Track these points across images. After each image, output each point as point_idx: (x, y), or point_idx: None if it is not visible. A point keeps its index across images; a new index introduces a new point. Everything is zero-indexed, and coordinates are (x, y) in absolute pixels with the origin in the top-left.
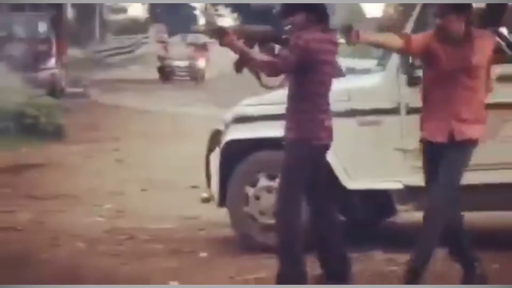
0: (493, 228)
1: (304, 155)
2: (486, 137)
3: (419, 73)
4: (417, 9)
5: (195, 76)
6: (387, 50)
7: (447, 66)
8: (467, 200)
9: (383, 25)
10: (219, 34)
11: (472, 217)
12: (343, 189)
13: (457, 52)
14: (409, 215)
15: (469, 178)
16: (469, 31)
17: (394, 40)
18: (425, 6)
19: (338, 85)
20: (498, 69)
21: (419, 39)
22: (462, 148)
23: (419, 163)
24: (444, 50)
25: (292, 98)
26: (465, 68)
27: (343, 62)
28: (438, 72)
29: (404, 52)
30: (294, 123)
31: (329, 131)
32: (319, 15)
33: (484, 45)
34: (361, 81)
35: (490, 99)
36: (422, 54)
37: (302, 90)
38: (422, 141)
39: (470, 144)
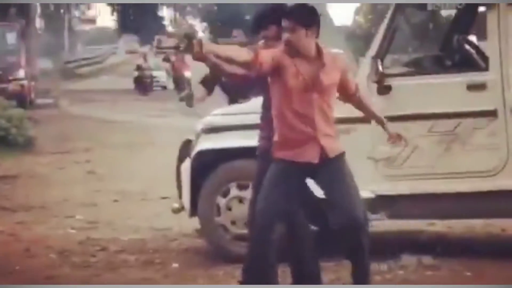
0: (463, 236)
1: None
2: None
3: (390, 81)
4: (388, 16)
5: (182, 86)
6: (235, 64)
7: (298, 84)
8: (436, 208)
9: (352, 34)
10: (193, 47)
11: (443, 224)
12: (315, 198)
13: (307, 70)
14: (380, 222)
15: (440, 186)
16: (320, 50)
17: (242, 53)
18: (395, 13)
19: None
20: (468, 77)
21: (268, 54)
22: (338, 162)
23: (391, 171)
24: (294, 67)
25: (266, 107)
26: (317, 87)
27: None
28: (291, 89)
29: (252, 66)
30: (267, 132)
31: None
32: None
33: (334, 64)
34: None
35: (460, 108)
36: (272, 69)
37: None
38: (278, 161)
39: (342, 157)
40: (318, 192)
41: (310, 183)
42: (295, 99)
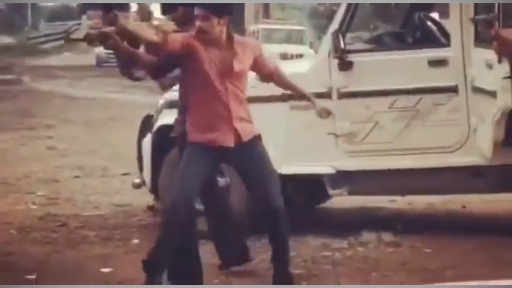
0: (423, 212)
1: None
2: None
3: (352, 57)
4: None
5: None
6: (144, 43)
7: (211, 70)
8: (397, 184)
9: (316, 11)
10: (103, 39)
11: (404, 201)
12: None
13: (219, 57)
14: (341, 199)
15: (400, 162)
16: (231, 37)
17: (151, 35)
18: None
19: None
20: (429, 53)
21: (177, 39)
22: (253, 146)
23: (352, 147)
24: (206, 53)
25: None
26: (229, 73)
27: (277, 48)
28: (204, 75)
29: (160, 49)
30: (183, 115)
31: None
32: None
33: (246, 51)
34: (293, 66)
35: (421, 84)
36: (183, 53)
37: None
38: (192, 144)
39: (257, 140)
40: None
41: None
42: (208, 84)
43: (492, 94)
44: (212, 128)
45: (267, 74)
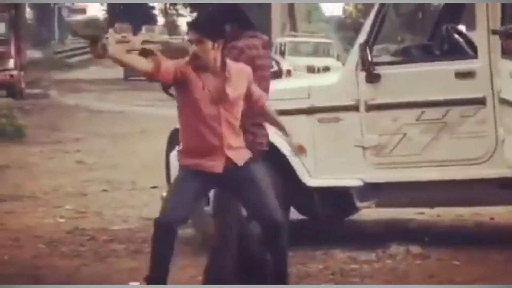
0: (451, 225)
1: None
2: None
3: (379, 70)
4: (377, 5)
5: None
6: (137, 71)
7: (203, 96)
8: (425, 196)
9: (343, 24)
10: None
11: (432, 213)
12: (304, 186)
13: (213, 83)
14: (369, 212)
15: (428, 174)
16: (224, 62)
17: (143, 64)
18: (382, 5)
19: (298, 83)
20: (457, 66)
21: (170, 65)
22: (248, 168)
23: (379, 159)
24: (199, 80)
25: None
26: (223, 100)
27: (304, 61)
28: (197, 101)
29: (153, 78)
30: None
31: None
32: (243, 23)
33: (240, 76)
34: (321, 79)
35: (449, 95)
36: (175, 80)
37: None
38: (185, 169)
39: (252, 162)
40: None
41: None
42: (201, 111)
43: None
44: (203, 154)
45: (253, 103)
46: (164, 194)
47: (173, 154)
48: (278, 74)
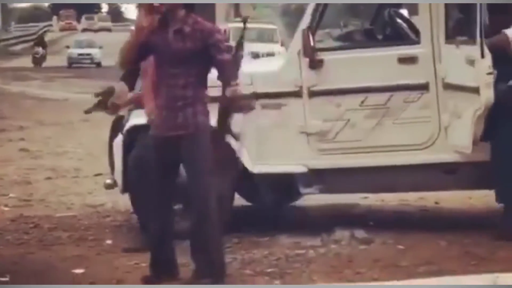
0: (396, 209)
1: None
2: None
3: (322, 55)
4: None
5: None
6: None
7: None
8: (369, 182)
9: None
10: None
11: (376, 198)
12: (248, 173)
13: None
14: (314, 197)
15: (372, 160)
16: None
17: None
18: None
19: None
20: (399, 51)
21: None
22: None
23: (323, 145)
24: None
25: None
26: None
27: (248, 47)
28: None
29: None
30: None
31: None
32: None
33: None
34: (264, 65)
35: (392, 81)
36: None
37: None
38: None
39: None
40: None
41: None
42: (154, 70)
43: (474, 90)
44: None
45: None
46: (108, 181)
47: (117, 142)
48: None
